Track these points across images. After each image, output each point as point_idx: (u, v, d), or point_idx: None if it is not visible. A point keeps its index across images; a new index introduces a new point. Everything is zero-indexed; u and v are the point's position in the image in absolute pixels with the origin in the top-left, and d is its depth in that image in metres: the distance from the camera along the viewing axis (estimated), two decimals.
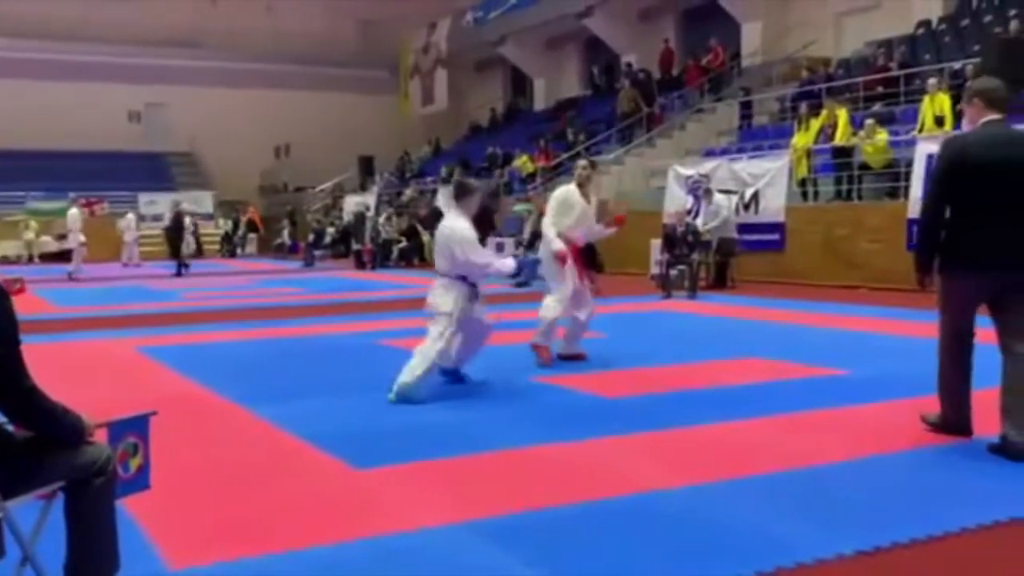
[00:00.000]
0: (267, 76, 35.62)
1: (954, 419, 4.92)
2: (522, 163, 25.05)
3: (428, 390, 6.25)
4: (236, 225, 32.74)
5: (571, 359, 7.72)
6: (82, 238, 20.44)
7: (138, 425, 3.01)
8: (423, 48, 35.72)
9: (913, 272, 4.91)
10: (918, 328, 9.47)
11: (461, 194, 6.80)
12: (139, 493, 3.04)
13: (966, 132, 4.92)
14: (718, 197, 15.38)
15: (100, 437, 2.91)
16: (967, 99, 4.94)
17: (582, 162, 8.27)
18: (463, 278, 6.52)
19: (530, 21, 30.82)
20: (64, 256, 25.25)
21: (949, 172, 4.69)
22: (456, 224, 6.54)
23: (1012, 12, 17.65)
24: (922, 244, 4.88)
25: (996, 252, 4.59)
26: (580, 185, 7.78)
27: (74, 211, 21.21)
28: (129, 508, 3.47)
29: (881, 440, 4.93)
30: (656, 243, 15.27)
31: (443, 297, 6.46)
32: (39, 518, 2.80)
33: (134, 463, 2.97)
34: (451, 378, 6.79)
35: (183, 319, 11.60)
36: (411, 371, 6.17)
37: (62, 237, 27.38)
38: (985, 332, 4.88)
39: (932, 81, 15.07)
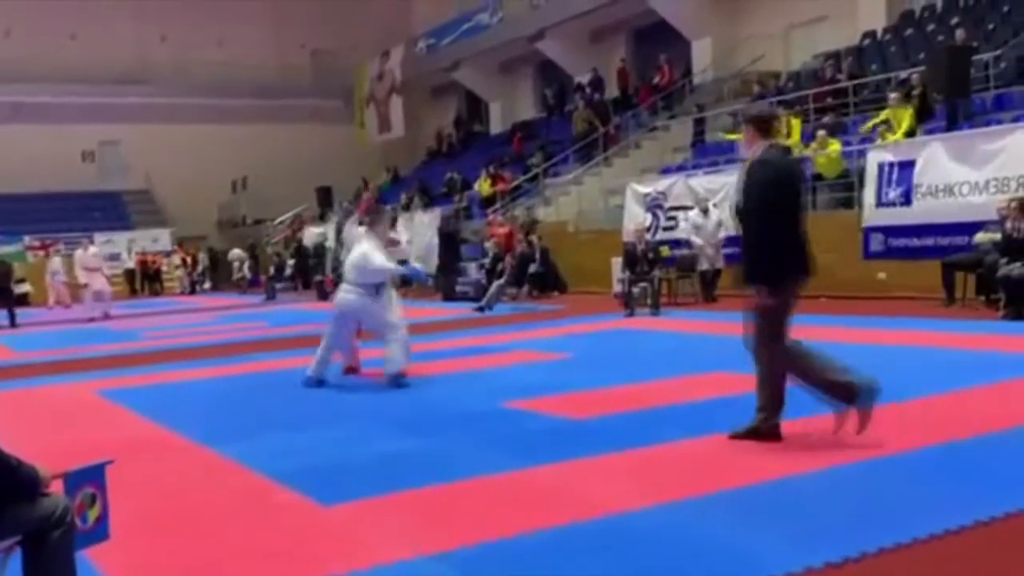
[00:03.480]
0: (221, 110, 35.40)
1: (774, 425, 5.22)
2: (480, 185, 25.07)
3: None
4: (195, 262, 32.43)
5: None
6: (82, 280, 20.05)
7: (95, 474, 2.95)
8: (378, 76, 35.76)
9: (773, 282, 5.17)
10: (877, 336, 9.60)
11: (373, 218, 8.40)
12: (99, 544, 2.98)
13: (767, 154, 5.19)
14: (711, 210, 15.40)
15: (57, 488, 2.85)
16: (744, 125, 5.42)
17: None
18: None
19: (483, 46, 31.00)
20: (21, 301, 24.87)
21: (775, 189, 5.09)
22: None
23: (954, 21, 18.04)
24: (762, 257, 5.20)
25: (809, 257, 5.19)
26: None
27: (79, 253, 20.81)
28: (91, 557, 3.40)
29: (846, 450, 4.96)
30: (617, 261, 15.34)
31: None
32: None
33: (92, 514, 2.91)
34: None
35: (144, 360, 11.43)
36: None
37: (20, 281, 26.99)
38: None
39: (894, 96, 15.31)
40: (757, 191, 5.15)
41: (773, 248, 5.11)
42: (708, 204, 15.41)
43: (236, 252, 30.15)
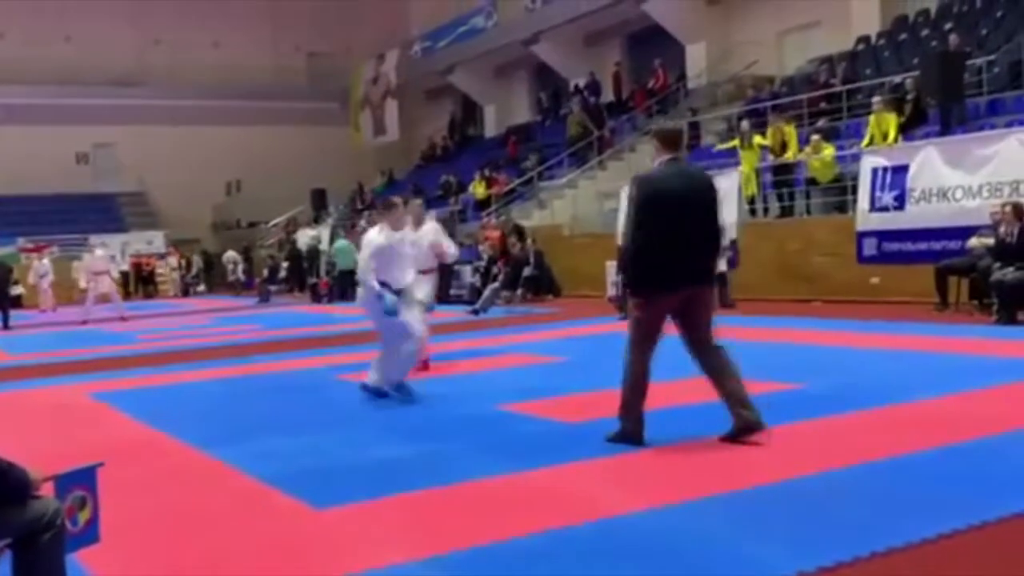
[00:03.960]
0: (216, 112, 35.38)
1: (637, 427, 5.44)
2: (475, 188, 25.08)
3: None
4: (189, 264, 32.40)
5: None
6: (83, 283, 19.96)
7: (86, 477, 2.94)
8: (373, 79, 35.76)
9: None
10: (871, 339, 9.61)
11: (385, 208, 7.59)
12: (89, 547, 2.97)
13: (652, 169, 5.50)
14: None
15: (47, 491, 2.84)
16: (652, 140, 5.66)
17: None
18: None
19: (478, 49, 31.04)
20: (15, 303, 24.80)
21: (644, 205, 5.30)
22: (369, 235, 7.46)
23: (947, 26, 18.09)
24: (629, 269, 5.49)
25: (682, 273, 5.29)
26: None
27: (87, 256, 20.65)
28: (81, 560, 3.39)
29: (841, 454, 4.96)
30: (611, 265, 15.34)
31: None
32: None
33: (83, 516, 2.90)
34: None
35: (137, 362, 11.41)
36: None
37: (14, 283, 26.92)
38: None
39: (877, 100, 15.35)
40: (629, 206, 5.46)
41: (635, 261, 5.38)
42: None
43: (231, 254, 30.14)
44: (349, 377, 8.86)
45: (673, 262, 5.25)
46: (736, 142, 17.03)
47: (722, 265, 14.70)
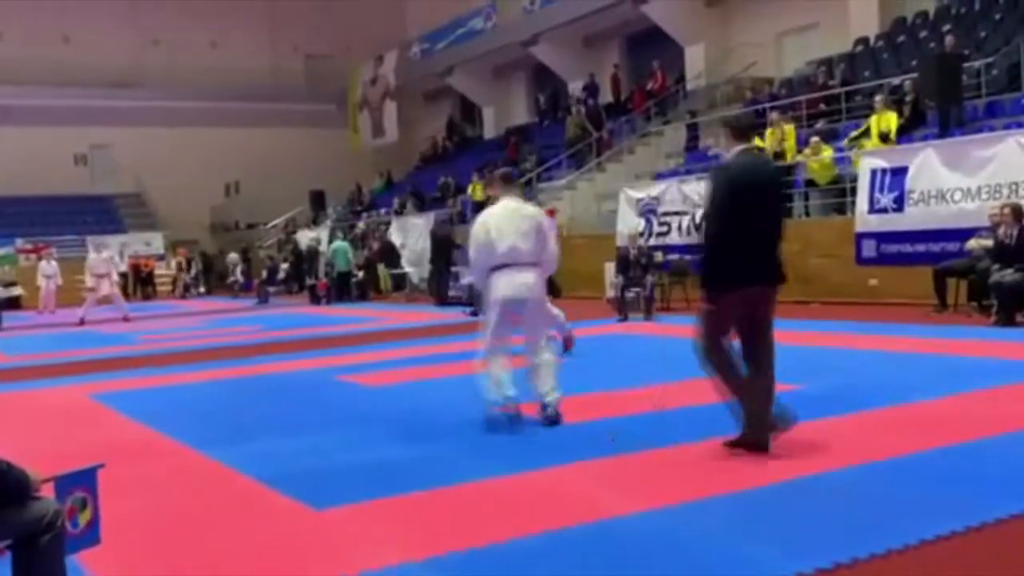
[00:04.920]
0: (214, 113, 35.38)
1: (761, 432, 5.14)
2: (473, 190, 25.05)
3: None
4: (189, 265, 32.37)
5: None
6: (90, 283, 19.91)
7: (86, 478, 2.94)
8: (371, 81, 35.77)
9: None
10: (869, 341, 9.62)
11: (510, 180, 6.70)
12: (89, 548, 2.97)
13: (728, 160, 5.32)
14: None
15: (47, 492, 2.84)
16: (723, 130, 5.57)
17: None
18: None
19: (477, 51, 31.06)
20: (12, 304, 24.78)
21: (723, 198, 5.12)
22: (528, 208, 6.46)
23: (946, 28, 18.11)
24: (707, 263, 5.27)
25: (756, 269, 5.12)
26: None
27: (91, 256, 20.53)
28: (81, 561, 3.39)
29: (838, 455, 4.97)
30: (610, 266, 15.35)
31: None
32: None
33: (83, 518, 2.90)
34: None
35: (136, 363, 11.41)
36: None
37: (10, 285, 26.91)
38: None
39: (879, 99, 15.37)
40: (708, 196, 5.27)
41: (713, 255, 5.18)
42: None
43: (234, 256, 30.12)
44: (348, 378, 8.88)
45: (749, 257, 5.11)
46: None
47: None
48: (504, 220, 6.28)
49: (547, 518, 4.13)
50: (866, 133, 15.12)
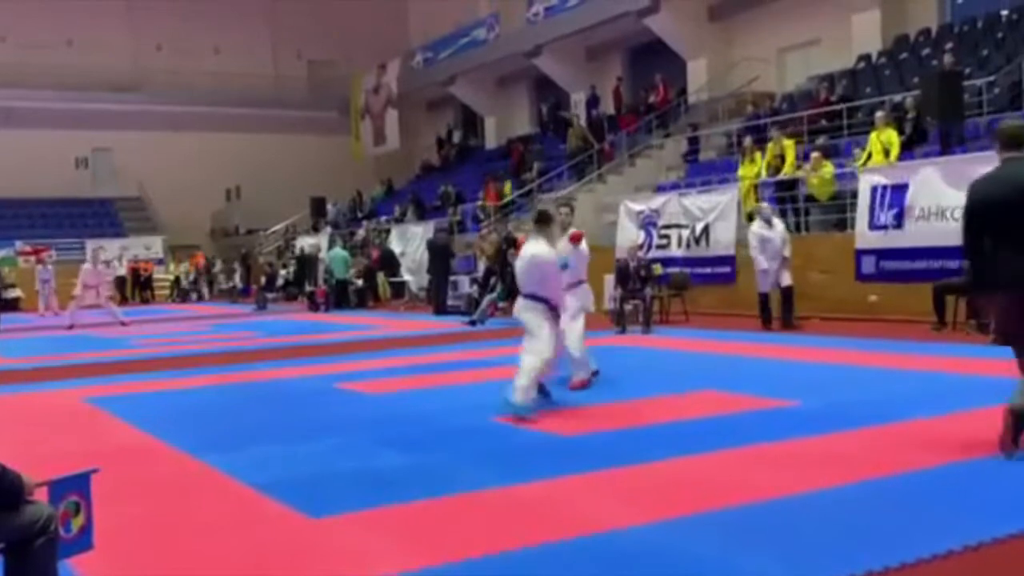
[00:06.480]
0: (216, 118, 35.44)
1: None
2: (484, 198, 24.94)
3: (532, 403, 6.81)
4: (208, 268, 32.33)
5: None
6: (77, 290, 19.87)
7: (80, 483, 2.92)
8: (374, 89, 35.84)
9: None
10: (867, 358, 9.60)
11: (542, 221, 7.27)
12: (82, 553, 2.95)
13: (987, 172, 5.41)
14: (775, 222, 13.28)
15: (41, 496, 2.83)
16: (994, 139, 5.57)
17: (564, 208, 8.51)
18: (544, 300, 7.05)
19: (480, 61, 31.14)
20: (10, 306, 24.78)
21: (966, 211, 5.27)
22: (539, 249, 7.07)
23: (948, 46, 18.15)
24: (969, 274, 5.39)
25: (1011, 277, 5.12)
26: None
27: (86, 266, 20.46)
28: (74, 566, 3.37)
29: (837, 471, 4.95)
30: (609, 278, 15.32)
31: (529, 315, 7.08)
32: None
33: (76, 523, 2.88)
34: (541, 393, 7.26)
35: (133, 367, 11.38)
36: (517, 388, 6.73)
37: (9, 287, 26.92)
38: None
39: (879, 115, 15.39)
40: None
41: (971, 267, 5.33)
42: (769, 214, 13.29)
43: (220, 265, 30.06)
44: (347, 386, 8.86)
45: (1002, 265, 5.10)
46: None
47: (786, 279, 13.06)
48: (522, 273, 7.26)
49: (545, 529, 4.11)
50: (868, 157, 15.10)
